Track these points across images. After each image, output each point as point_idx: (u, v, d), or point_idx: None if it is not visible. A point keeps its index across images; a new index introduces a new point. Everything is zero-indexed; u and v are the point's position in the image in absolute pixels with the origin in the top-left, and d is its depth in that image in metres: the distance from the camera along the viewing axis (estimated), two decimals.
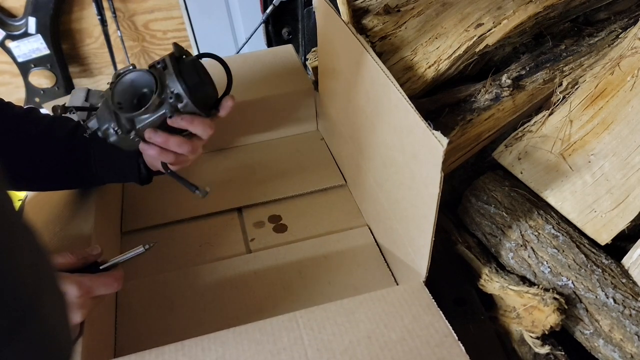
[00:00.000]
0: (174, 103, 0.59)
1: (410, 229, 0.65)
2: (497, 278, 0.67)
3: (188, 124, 0.61)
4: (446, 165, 0.79)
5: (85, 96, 1.20)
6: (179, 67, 0.59)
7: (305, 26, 1.20)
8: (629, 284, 0.62)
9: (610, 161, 0.69)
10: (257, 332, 0.56)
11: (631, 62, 0.74)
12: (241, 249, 0.79)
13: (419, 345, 0.54)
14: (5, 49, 1.72)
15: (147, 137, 0.61)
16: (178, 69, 0.58)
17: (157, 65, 0.59)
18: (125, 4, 1.81)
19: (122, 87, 0.60)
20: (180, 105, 0.59)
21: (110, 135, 0.61)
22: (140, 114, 0.59)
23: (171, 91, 0.58)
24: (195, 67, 0.59)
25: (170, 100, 0.58)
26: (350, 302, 0.59)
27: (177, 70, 0.58)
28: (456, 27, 0.85)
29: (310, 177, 0.91)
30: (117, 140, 0.61)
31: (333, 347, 0.54)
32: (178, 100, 0.59)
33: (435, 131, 0.53)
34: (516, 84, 0.83)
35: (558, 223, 0.69)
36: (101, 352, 0.62)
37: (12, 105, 0.68)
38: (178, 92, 0.58)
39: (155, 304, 0.71)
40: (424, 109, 0.84)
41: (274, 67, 1.02)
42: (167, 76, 0.58)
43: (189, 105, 0.59)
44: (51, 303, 0.29)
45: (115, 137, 0.61)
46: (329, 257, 0.77)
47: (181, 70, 0.58)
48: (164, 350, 0.55)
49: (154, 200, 0.87)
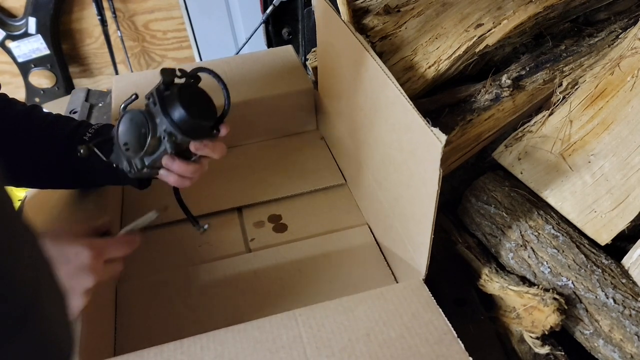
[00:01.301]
0: (169, 139, 0.58)
1: (410, 227, 0.65)
2: (497, 278, 0.67)
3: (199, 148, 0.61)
4: (446, 165, 0.79)
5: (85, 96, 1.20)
6: (164, 102, 0.57)
7: (305, 26, 1.20)
8: (629, 284, 0.62)
9: (610, 161, 0.69)
10: (256, 330, 0.56)
11: (631, 62, 0.74)
12: (241, 249, 0.79)
13: (418, 342, 0.54)
14: (5, 49, 1.72)
15: (165, 165, 0.62)
16: (164, 105, 0.57)
17: (148, 100, 0.58)
18: (125, 4, 1.81)
19: (125, 128, 0.60)
20: (176, 139, 0.58)
21: (128, 172, 0.62)
22: (143, 155, 0.60)
23: (163, 129, 0.57)
24: (181, 97, 0.57)
25: (164, 138, 0.58)
26: (350, 300, 0.59)
27: (163, 106, 0.57)
28: (456, 27, 0.85)
29: (310, 176, 0.91)
30: (135, 174, 0.63)
31: (332, 345, 0.54)
32: (172, 138, 0.58)
33: (434, 128, 0.53)
34: (516, 84, 0.83)
35: (558, 223, 0.69)
36: (101, 351, 0.62)
37: (16, 102, 0.69)
38: (169, 130, 0.57)
39: (155, 304, 0.71)
40: (424, 109, 0.84)
41: (274, 67, 1.02)
42: (155, 114, 0.58)
43: (185, 139, 0.58)
44: (51, 302, 0.29)
45: (132, 174, 0.63)
46: (329, 255, 0.77)
47: (166, 106, 0.56)
48: (163, 349, 0.55)
49: (154, 201, 0.86)
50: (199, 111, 0.58)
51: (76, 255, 0.53)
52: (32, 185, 0.74)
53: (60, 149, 0.67)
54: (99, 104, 1.17)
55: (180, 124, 0.56)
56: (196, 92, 0.59)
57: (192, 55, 1.97)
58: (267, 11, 1.29)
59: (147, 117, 0.57)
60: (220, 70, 0.65)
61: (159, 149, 0.59)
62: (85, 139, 0.67)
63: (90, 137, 0.68)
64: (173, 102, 0.56)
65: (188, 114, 0.56)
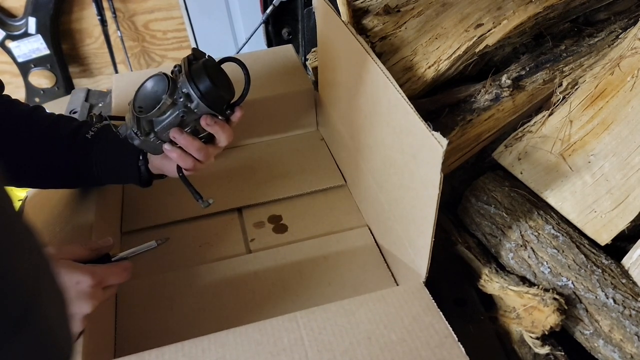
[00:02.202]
0: (185, 102, 0.60)
1: (410, 230, 0.65)
2: (497, 278, 0.67)
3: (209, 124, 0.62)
4: (446, 165, 0.79)
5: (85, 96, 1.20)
6: (191, 68, 0.61)
7: (305, 26, 1.20)
8: (629, 284, 0.62)
9: (610, 161, 0.69)
10: (258, 332, 0.56)
11: (631, 62, 0.74)
12: (241, 249, 0.79)
13: (419, 346, 0.54)
14: (5, 49, 1.72)
15: (172, 137, 0.63)
16: (189, 71, 0.60)
17: (174, 68, 0.62)
18: (125, 4, 1.81)
19: (144, 93, 0.63)
20: (191, 105, 0.61)
21: (133, 138, 0.63)
22: (154, 114, 0.61)
23: (182, 92, 0.60)
24: (207, 68, 0.61)
25: (181, 100, 0.60)
26: (351, 303, 0.59)
27: (188, 71, 0.60)
28: (456, 27, 0.85)
29: (310, 177, 0.91)
30: (140, 143, 0.64)
31: (333, 348, 0.54)
32: (188, 100, 0.60)
33: (435, 132, 0.53)
34: (516, 84, 0.83)
35: (558, 223, 0.69)
36: (101, 352, 0.62)
37: (18, 103, 0.69)
38: (188, 92, 0.60)
39: (155, 304, 0.71)
40: (424, 109, 0.84)
41: (274, 67, 1.02)
42: (179, 78, 0.61)
43: (200, 105, 0.60)
44: (51, 303, 0.29)
45: (138, 140, 0.63)
46: (329, 257, 0.77)
47: (192, 72, 0.60)
48: (164, 351, 0.55)
49: (154, 201, 0.87)
50: (221, 84, 0.62)
51: (77, 283, 0.54)
52: (34, 185, 0.74)
53: (61, 148, 0.68)
54: (99, 104, 1.17)
55: (201, 89, 0.60)
56: (220, 70, 0.63)
57: None
58: (267, 11, 1.29)
59: (170, 80, 0.61)
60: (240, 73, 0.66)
61: (171, 113, 0.61)
62: (88, 136, 0.68)
63: (92, 137, 0.68)
64: (199, 70, 0.60)
65: (211, 82, 0.60)
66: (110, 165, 0.70)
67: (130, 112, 0.63)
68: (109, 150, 0.69)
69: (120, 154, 0.69)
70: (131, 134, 0.63)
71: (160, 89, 0.61)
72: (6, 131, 0.66)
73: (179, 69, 0.61)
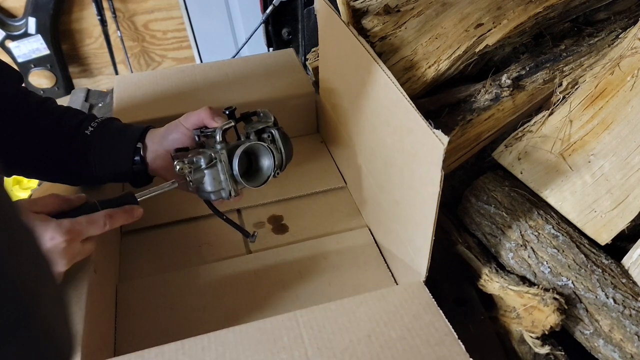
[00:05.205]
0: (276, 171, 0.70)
1: (410, 229, 0.65)
2: (497, 278, 0.67)
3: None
4: (446, 165, 0.79)
5: (85, 96, 1.20)
6: (282, 140, 0.70)
7: (305, 26, 1.20)
8: (629, 284, 0.62)
9: (610, 161, 0.69)
10: (258, 331, 0.56)
11: (631, 62, 0.74)
12: (241, 250, 0.79)
13: (419, 343, 0.54)
14: (5, 49, 1.72)
15: None
16: (283, 142, 0.70)
17: (264, 136, 0.70)
18: (125, 4, 1.81)
19: (241, 160, 0.66)
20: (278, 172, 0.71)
21: (218, 196, 0.67)
22: (255, 184, 0.68)
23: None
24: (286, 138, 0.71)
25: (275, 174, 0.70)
26: (351, 302, 0.59)
27: (281, 145, 0.70)
28: (456, 27, 0.85)
29: (310, 179, 0.91)
30: (219, 198, 0.68)
31: (333, 346, 0.54)
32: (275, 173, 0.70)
33: (436, 130, 0.53)
34: (516, 84, 0.83)
35: (558, 223, 0.69)
36: (101, 351, 0.62)
37: (32, 95, 0.70)
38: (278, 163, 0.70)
39: (155, 304, 0.71)
40: (424, 109, 0.84)
41: (275, 70, 1.02)
42: (273, 148, 0.69)
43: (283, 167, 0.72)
44: (50, 303, 0.29)
45: (222, 197, 0.67)
46: (329, 257, 0.77)
47: (284, 146, 0.71)
48: (164, 350, 0.55)
49: (154, 201, 0.86)
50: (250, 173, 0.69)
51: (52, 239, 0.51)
52: (41, 176, 0.75)
53: (61, 141, 0.68)
54: (99, 104, 1.17)
55: (288, 155, 0.72)
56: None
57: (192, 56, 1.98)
58: (267, 11, 1.29)
59: (273, 153, 0.69)
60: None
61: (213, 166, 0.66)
62: (87, 133, 0.68)
63: (92, 130, 0.69)
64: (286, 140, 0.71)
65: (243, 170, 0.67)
66: (107, 161, 0.70)
67: (222, 172, 0.65)
68: (105, 146, 0.69)
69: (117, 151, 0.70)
70: (221, 193, 0.67)
71: (256, 155, 0.68)
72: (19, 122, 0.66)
73: (271, 138, 0.70)
